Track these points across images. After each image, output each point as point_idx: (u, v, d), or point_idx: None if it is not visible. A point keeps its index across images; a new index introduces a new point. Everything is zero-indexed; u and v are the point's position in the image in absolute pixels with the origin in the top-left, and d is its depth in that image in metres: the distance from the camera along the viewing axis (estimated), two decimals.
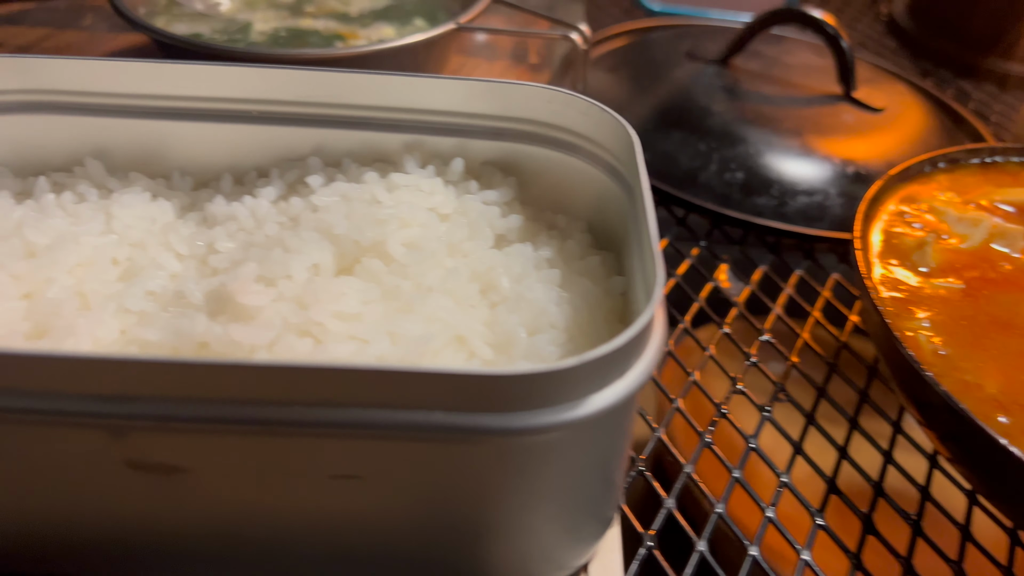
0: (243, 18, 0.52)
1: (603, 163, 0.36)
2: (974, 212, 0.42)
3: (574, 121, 0.36)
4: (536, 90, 0.36)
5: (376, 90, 0.37)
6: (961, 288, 0.37)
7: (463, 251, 0.34)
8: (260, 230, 0.35)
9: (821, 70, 0.58)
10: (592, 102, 0.35)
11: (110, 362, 0.23)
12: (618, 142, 0.34)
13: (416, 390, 0.23)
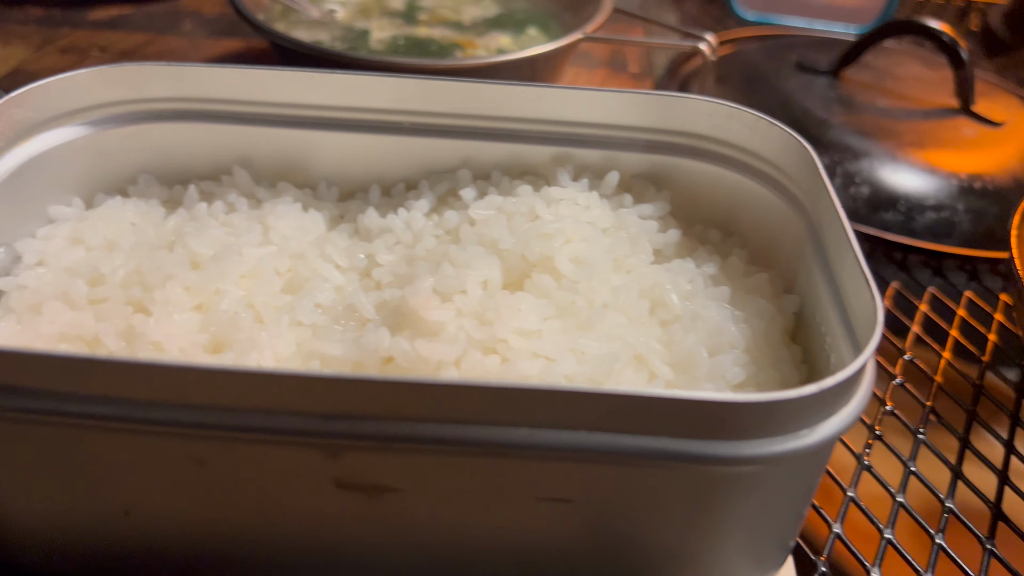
0: (359, 25, 0.51)
1: (768, 179, 0.35)
2: None
3: (738, 135, 0.35)
4: (697, 102, 0.35)
5: (528, 103, 0.36)
6: None
7: (627, 266, 0.33)
8: (419, 244, 0.34)
9: (934, 82, 0.57)
10: (761, 116, 0.34)
11: (332, 381, 0.23)
12: (791, 159, 0.34)
13: (647, 415, 0.22)
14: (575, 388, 0.22)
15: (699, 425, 0.23)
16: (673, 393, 0.22)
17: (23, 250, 0.33)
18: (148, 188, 0.37)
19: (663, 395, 0.22)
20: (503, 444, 0.23)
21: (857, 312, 0.27)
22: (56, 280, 0.31)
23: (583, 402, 0.22)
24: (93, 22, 0.65)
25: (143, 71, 0.36)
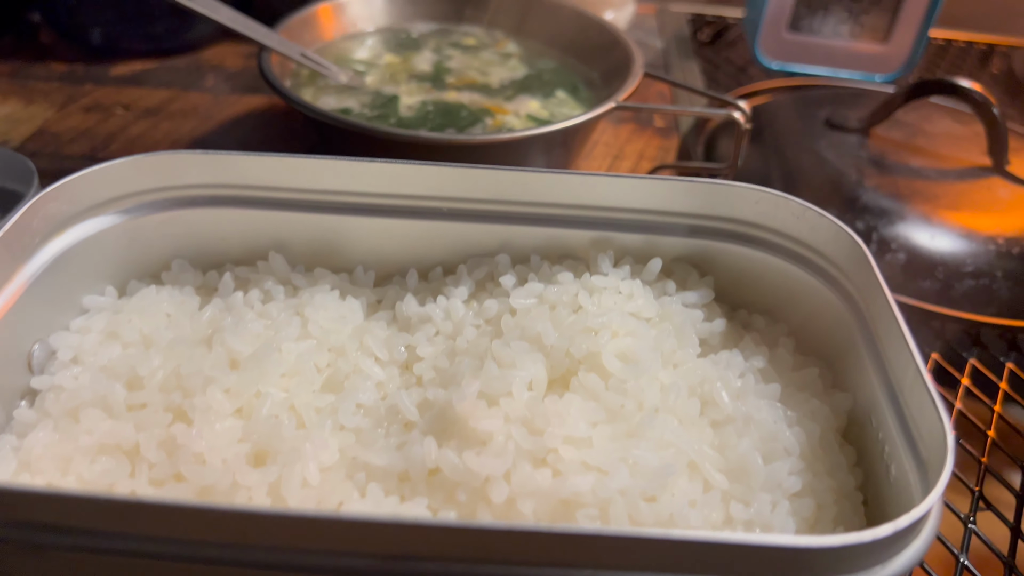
0: (389, 91, 0.51)
1: (817, 268, 0.34)
2: None
3: (784, 223, 0.35)
4: (743, 190, 0.35)
5: (569, 190, 0.36)
6: None
7: (674, 360, 0.33)
8: (460, 335, 0.34)
9: (965, 139, 0.56)
10: (808, 206, 0.34)
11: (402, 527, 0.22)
12: (841, 251, 0.33)
13: (719, 557, 0.22)
14: (642, 534, 0.21)
15: (772, 566, 0.22)
16: (746, 538, 0.21)
17: (57, 345, 0.33)
18: (182, 274, 0.37)
19: (735, 540, 0.21)
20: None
21: (921, 429, 0.26)
22: (93, 382, 0.31)
23: (650, 547, 0.21)
24: (116, 78, 0.65)
25: (176, 159, 0.35)
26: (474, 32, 0.59)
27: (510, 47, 0.58)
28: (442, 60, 0.55)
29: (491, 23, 0.60)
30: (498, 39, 0.59)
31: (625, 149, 0.60)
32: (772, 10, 0.68)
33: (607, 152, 0.59)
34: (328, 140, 0.48)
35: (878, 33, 0.69)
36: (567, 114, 0.51)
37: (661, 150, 0.60)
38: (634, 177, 0.35)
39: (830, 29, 0.69)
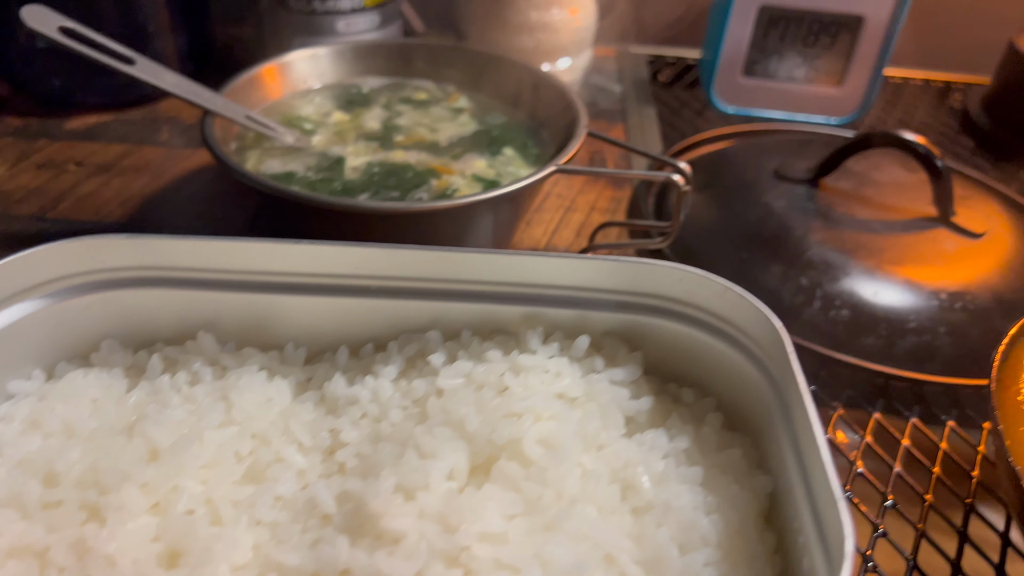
0: (335, 152, 0.51)
1: (740, 345, 0.34)
2: None
3: (707, 301, 0.35)
4: (666, 269, 0.35)
5: (498, 269, 0.36)
6: None
7: (598, 442, 0.33)
8: (385, 418, 0.34)
9: (913, 188, 0.56)
10: (728, 285, 0.34)
11: None
12: (760, 330, 0.33)
13: None
14: None
15: None
16: None
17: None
18: (111, 355, 0.37)
19: None
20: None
21: (829, 524, 0.26)
22: (9, 478, 0.30)
23: None
24: (71, 132, 0.65)
25: (102, 244, 0.35)
26: (426, 86, 0.59)
27: (462, 101, 0.58)
28: (392, 117, 0.56)
29: (443, 77, 0.60)
30: (450, 93, 0.59)
31: (577, 201, 0.60)
32: (726, 55, 0.69)
33: (559, 204, 0.60)
34: (271, 203, 0.48)
35: (833, 76, 0.70)
36: (513, 173, 0.51)
37: (613, 201, 0.60)
38: (562, 256, 0.36)
39: (785, 73, 0.70)
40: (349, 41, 0.64)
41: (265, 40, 0.69)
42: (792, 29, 0.68)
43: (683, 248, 0.54)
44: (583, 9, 0.69)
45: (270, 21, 0.67)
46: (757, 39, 0.68)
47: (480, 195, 0.44)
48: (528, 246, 0.55)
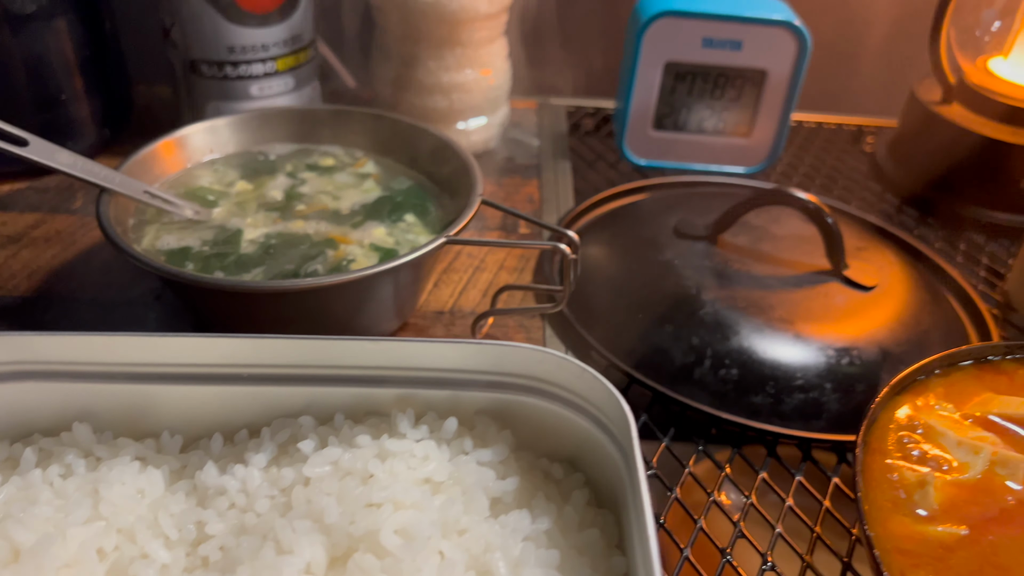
0: (234, 224, 0.52)
1: (600, 423, 0.35)
2: (974, 433, 0.41)
3: (569, 381, 0.36)
4: (528, 352, 0.36)
5: (369, 354, 0.36)
6: (965, 535, 0.36)
7: (459, 527, 0.33)
8: (252, 509, 0.34)
9: (809, 241, 0.58)
10: (584, 368, 0.35)
11: None
12: (612, 410, 0.34)
13: None
14: None
15: None
16: None
17: None
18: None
19: None
20: None
21: None
22: None
23: None
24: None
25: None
26: (334, 152, 0.60)
27: (369, 167, 0.59)
28: (296, 185, 0.56)
29: (352, 142, 0.61)
30: (358, 158, 0.60)
31: (487, 260, 0.61)
32: (636, 110, 0.70)
33: (469, 263, 0.61)
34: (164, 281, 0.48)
35: (741, 127, 0.72)
36: (412, 241, 0.52)
37: (522, 260, 0.61)
38: (432, 341, 0.36)
39: (695, 126, 0.72)
40: (256, 108, 0.65)
41: (181, 103, 0.70)
42: (699, 83, 0.70)
43: (584, 308, 0.55)
44: (496, 69, 0.71)
45: (185, 85, 0.68)
46: (665, 94, 0.70)
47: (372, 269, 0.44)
48: (435, 308, 0.56)
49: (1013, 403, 0.43)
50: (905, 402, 0.43)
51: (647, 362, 0.51)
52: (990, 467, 0.40)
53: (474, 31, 0.67)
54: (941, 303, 0.58)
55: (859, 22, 0.89)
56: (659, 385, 0.50)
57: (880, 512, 0.38)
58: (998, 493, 0.39)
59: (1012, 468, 0.39)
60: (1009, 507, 0.38)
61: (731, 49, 0.67)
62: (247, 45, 0.65)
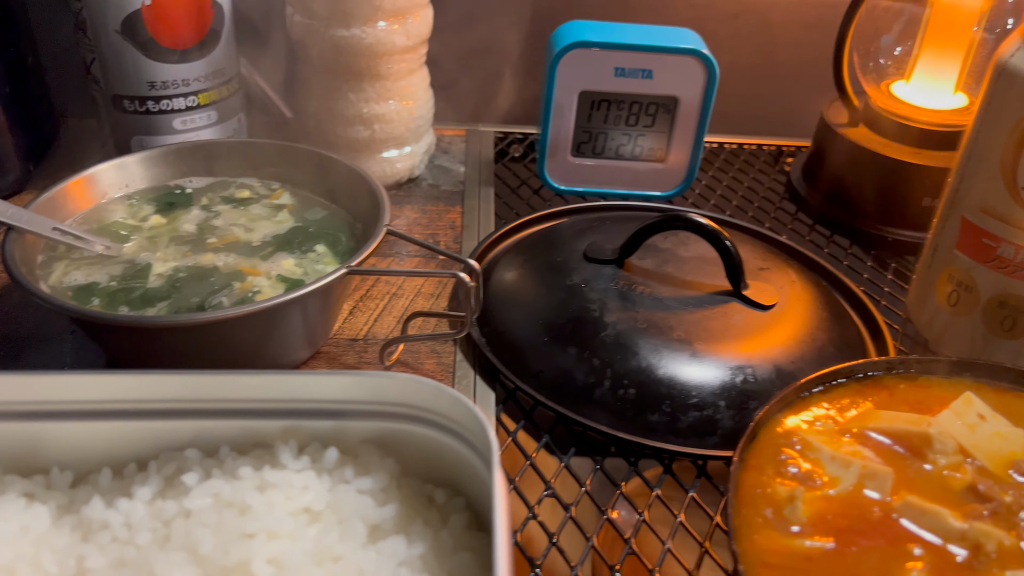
0: (144, 258, 0.53)
1: (473, 447, 0.37)
2: (848, 447, 0.43)
3: (445, 408, 0.37)
4: (405, 382, 0.37)
5: (253, 387, 0.37)
6: (831, 548, 0.38)
7: (333, 555, 0.34)
8: (133, 542, 0.35)
9: (714, 262, 0.60)
10: (457, 396, 0.36)
11: None
12: (479, 433, 0.35)
13: None
14: None
15: None
16: None
17: None
18: None
19: None
20: None
21: None
22: None
23: None
24: None
25: None
26: (251, 184, 0.61)
27: (285, 198, 0.60)
28: (210, 218, 0.57)
29: (269, 174, 0.62)
30: (275, 190, 0.61)
31: (404, 287, 0.62)
32: (554, 137, 0.72)
33: (387, 291, 0.62)
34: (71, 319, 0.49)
35: (657, 152, 0.74)
36: (320, 271, 0.53)
37: (439, 285, 0.63)
38: (313, 374, 0.38)
39: (612, 152, 0.74)
40: (174, 143, 0.66)
41: (106, 137, 0.70)
42: (614, 111, 0.72)
43: (495, 332, 0.57)
44: (417, 99, 0.72)
45: (109, 120, 0.69)
46: (581, 121, 0.72)
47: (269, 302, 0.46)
48: (349, 336, 0.57)
49: (889, 417, 0.45)
50: (787, 419, 0.45)
51: (551, 384, 0.53)
52: (860, 480, 0.41)
53: (392, 63, 0.69)
54: (843, 320, 0.61)
55: (779, 46, 0.92)
56: (560, 407, 0.51)
57: (750, 527, 0.39)
58: (865, 506, 0.40)
59: (880, 481, 0.41)
60: (875, 519, 0.40)
61: (643, 77, 0.70)
62: (167, 80, 0.66)
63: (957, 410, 0.46)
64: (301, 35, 0.68)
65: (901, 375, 0.49)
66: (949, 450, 0.43)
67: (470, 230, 0.70)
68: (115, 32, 0.64)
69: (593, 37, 0.68)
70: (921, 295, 0.60)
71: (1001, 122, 0.52)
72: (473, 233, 0.69)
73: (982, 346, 0.56)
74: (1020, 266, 0.53)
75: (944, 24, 0.70)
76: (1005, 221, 0.52)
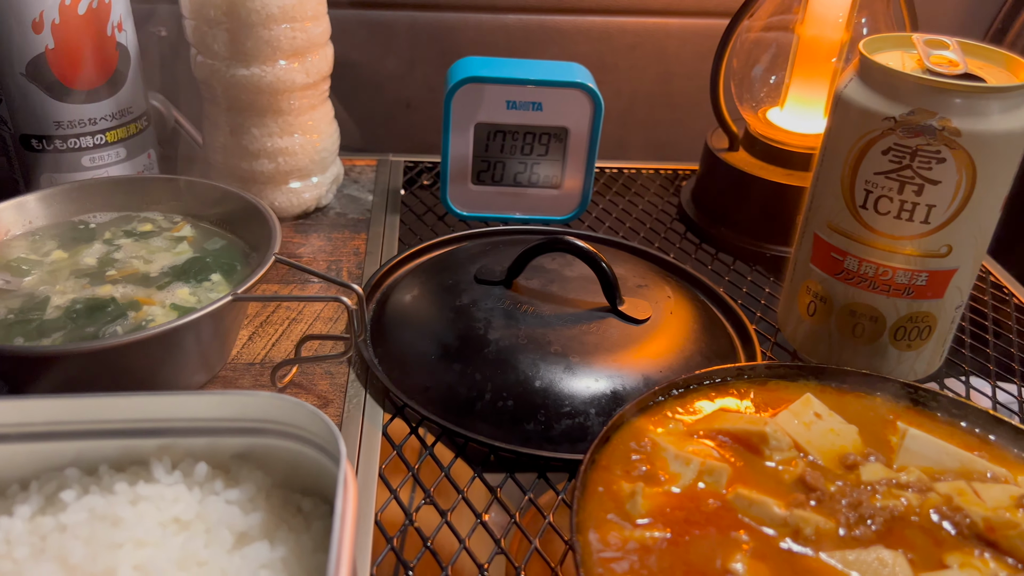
0: (43, 291, 0.55)
1: (331, 456, 0.40)
2: (692, 446, 0.47)
3: (304, 421, 0.40)
4: (268, 399, 0.40)
5: (127, 408, 0.40)
6: (667, 537, 0.42)
7: (199, 560, 0.37)
8: (10, 556, 0.37)
9: (595, 281, 0.64)
10: (314, 412, 0.39)
11: None
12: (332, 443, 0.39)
13: None
14: None
15: None
16: None
17: None
18: None
19: None
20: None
21: None
22: None
23: None
24: None
25: None
26: (154, 218, 0.64)
27: (186, 230, 0.63)
28: (111, 251, 0.60)
29: (172, 208, 0.65)
30: (176, 222, 0.64)
31: (305, 311, 0.65)
32: (455, 165, 0.76)
33: (287, 316, 0.65)
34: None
35: (552, 179, 0.78)
36: (212, 299, 0.56)
37: (338, 310, 0.66)
38: (183, 394, 0.41)
39: (510, 179, 0.78)
40: (76, 180, 0.68)
41: (16, 176, 0.73)
42: (509, 141, 0.76)
43: (387, 352, 0.60)
44: (322, 132, 0.76)
45: (18, 158, 0.71)
46: (479, 150, 0.76)
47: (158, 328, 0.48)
48: (247, 360, 0.60)
49: (732, 419, 0.50)
50: (641, 422, 0.49)
51: (436, 399, 0.56)
52: (698, 476, 0.46)
53: (294, 99, 0.72)
54: (716, 331, 0.65)
55: (675, 75, 0.98)
56: (443, 420, 0.55)
57: (595, 521, 0.43)
58: (702, 499, 0.45)
59: (717, 476, 0.45)
60: (710, 510, 0.44)
61: (533, 110, 0.74)
62: (74, 120, 0.69)
63: (795, 410, 0.50)
64: (205, 75, 0.72)
65: (751, 380, 0.53)
66: (784, 446, 0.48)
67: (373, 256, 0.73)
68: (20, 75, 0.67)
69: (485, 72, 0.73)
70: (787, 306, 0.65)
71: (840, 147, 0.57)
72: (376, 259, 0.73)
73: (838, 351, 0.61)
74: (864, 277, 0.58)
75: (810, 55, 0.76)
76: (848, 236, 0.58)
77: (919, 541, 0.43)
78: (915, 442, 0.49)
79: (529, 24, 0.96)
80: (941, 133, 0.52)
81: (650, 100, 0.98)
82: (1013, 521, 0.42)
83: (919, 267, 0.56)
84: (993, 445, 0.49)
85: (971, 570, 0.41)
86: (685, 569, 0.41)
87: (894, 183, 0.54)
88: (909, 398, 0.52)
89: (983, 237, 0.56)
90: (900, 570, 0.40)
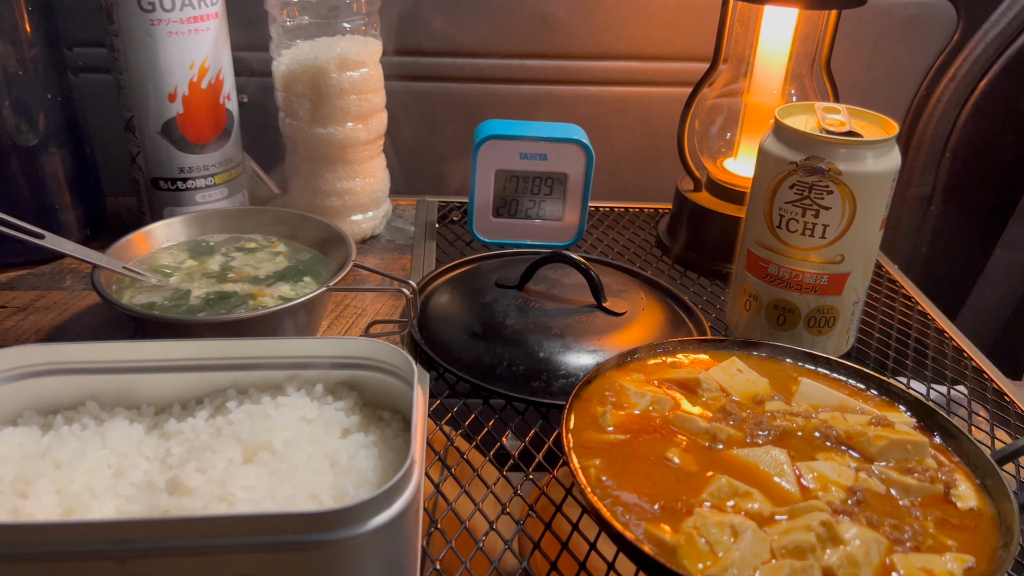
0: (185, 287, 0.77)
1: (408, 383, 0.60)
2: (647, 389, 0.68)
3: (391, 358, 0.61)
4: (365, 342, 0.61)
5: (271, 348, 0.61)
6: (626, 439, 0.62)
7: (321, 441, 0.58)
8: (198, 439, 0.58)
9: (587, 287, 0.85)
10: (395, 348, 0.60)
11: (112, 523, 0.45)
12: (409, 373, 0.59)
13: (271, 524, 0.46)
14: (234, 514, 0.45)
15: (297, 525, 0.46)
16: (282, 511, 0.46)
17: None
18: (31, 418, 0.60)
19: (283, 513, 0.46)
20: (209, 547, 0.46)
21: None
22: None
23: (237, 522, 0.46)
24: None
25: (22, 351, 0.59)
26: (256, 238, 0.86)
27: (281, 247, 0.85)
28: (228, 261, 0.82)
29: (269, 231, 0.87)
30: (273, 241, 0.86)
31: (368, 308, 0.87)
32: (479, 202, 0.98)
33: (355, 312, 0.86)
34: (139, 323, 0.72)
35: (556, 214, 1.00)
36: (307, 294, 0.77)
37: (392, 308, 0.87)
38: (308, 339, 0.61)
39: (523, 213, 1.00)
40: (199, 210, 0.90)
41: (143, 209, 0.95)
42: (522, 183, 0.98)
43: (431, 334, 0.81)
44: (376, 177, 0.98)
45: (147, 196, 0.94)
46: (498, 191, 0.98)
47: (271, 308, 0.70)
48: None
49: (678, 371, 0.70)
50: (615, 376, 0.70)
51: (467, 367, 0.77)
52: (650, 404, 0.66)
53: (357, 152, 0.95)
54: (679, 324, 0.86)
55: (657, 133, 1.20)
56: (474, 379, 0.75)
57: (579, 430, 0.63)
58: (652, 418, 0.65)
59: (663, 404, 0.66)
60: (656, 424, 0.64)
61: (540, 159, 0.96)
62: (193, 167, 0.92)
63: (723, 367, 0.71)
64: (290, 132, 0.94)
65: (694, 350, 0.74)
66: (713, 389, 0.68)
67: (416, 272, 0.94)
68: (156, 133, 0.89)
69: (503, 132, 0.95)
70: (731, 305, 0.86)
71: (761, 184, 0.78)
72: (419, 273, 0.94)
73: (768, 337, 0.82)
74: (783, 279, 0.79)
75: (755, 117, 0.98)
76: (771, 249, 0.79)
77: (800, 445, 0.62)
78: (808, 387, 0.69)
79: (537, 92, 1.19)
80: (828, 173, 0.73)
81: (635, 153, 1.20)
82: (864, 432, 0.62)
83: (821, 271, 0.77)
84: (868, 395, 0.69)
85: (832, 462, 0.61)
86: (637, 458, 0.61)
87: (799, 209, 0.75)
88: (810, 361, 0.73)
89: (868, 248, 0.77)
90: (783, 459, 0.60)
